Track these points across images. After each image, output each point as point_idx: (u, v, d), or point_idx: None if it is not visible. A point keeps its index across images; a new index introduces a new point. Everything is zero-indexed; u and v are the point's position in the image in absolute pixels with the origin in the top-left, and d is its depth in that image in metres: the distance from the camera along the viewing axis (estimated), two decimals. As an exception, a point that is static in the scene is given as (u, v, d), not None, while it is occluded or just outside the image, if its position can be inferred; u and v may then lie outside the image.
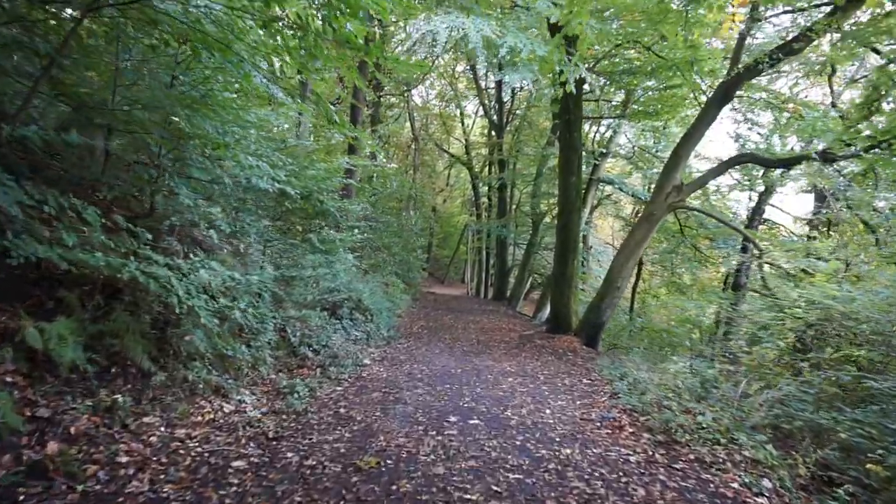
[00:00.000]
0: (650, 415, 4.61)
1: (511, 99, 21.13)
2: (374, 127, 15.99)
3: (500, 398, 5.28)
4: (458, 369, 6.75)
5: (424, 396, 5.26)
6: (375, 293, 9.52)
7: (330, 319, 7.55)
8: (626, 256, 9.54)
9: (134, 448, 3.21)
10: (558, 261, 10.81)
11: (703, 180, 9.70)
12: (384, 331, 8.53)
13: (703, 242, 15.84)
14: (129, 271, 3.43)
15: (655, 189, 9.51)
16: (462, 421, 4.46)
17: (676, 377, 5.87)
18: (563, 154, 10.84)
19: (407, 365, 6.89)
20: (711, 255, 15.94)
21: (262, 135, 5.62)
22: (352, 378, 5.92)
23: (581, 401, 5.32)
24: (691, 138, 9.34)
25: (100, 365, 3.67)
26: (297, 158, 5.31)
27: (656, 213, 9.35)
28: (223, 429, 3.88)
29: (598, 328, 9.66)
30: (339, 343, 6.91)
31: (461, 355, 7.81)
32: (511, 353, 8.14)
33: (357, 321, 7.91)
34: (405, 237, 14.80)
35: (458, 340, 9.23)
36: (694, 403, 4.92)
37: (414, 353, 7.69)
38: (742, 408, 4.96)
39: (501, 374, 6.50)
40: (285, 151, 5.37)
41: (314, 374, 5.79)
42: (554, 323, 10.78)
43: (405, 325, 10.52)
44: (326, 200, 5.50)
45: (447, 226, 31.40)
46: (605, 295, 9.63)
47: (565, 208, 10.75)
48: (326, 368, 5.94)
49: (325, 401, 4.93)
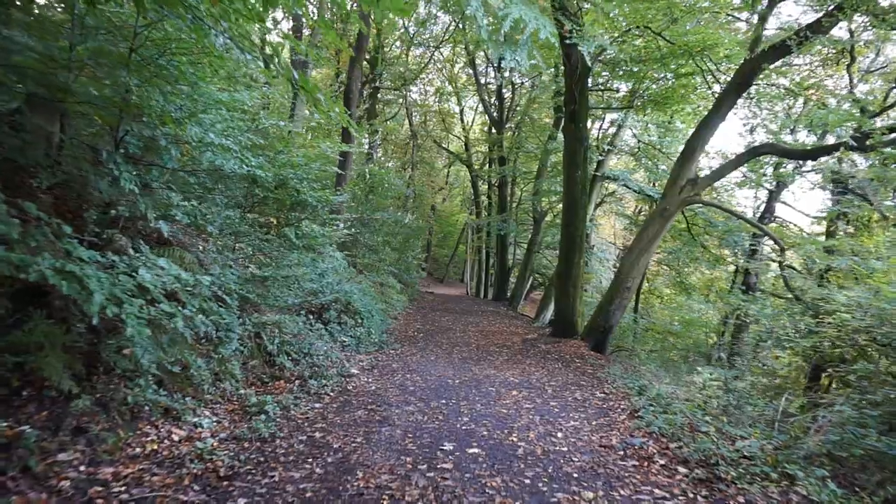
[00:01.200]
0: (682, 441, 3.84)
1: (511, 94, 20.37)
2: (371, 121, 15.22)
3: (503, 418, 4.51)
4: (455, 380, 5.99)
5: (416, 415, 4.49)
6: (367, 294, 8.76)
7: (315, 324, 6.79)
8: (636, 255, 8.78)
9: (31, 500, 2.45)
10: (562, 259, 10.06)
11: (719, 173, 8.93)
12: (376, 335, 7.76)
13: (710, 241, 15.05)
14: (36, 270, 2.67)
15: (668, 183, 8.75)
16: (459, 449, 3.70)
17: (705, 390, 5.12)
18: (568, 147, 10.08)
19: (399, 375, 6.13)
20: (721, 255, 15.20)
21: (235, 116, 4.85)
22: (335, 392, 5.16)
23: (597, 420, 4.55)
24: (707, 128, 8.58)
25: (9, 387, 2.92)
26: (269, 140, 4.54)
27: (669, 207, 8.59)
28: (165, 464, 3.12)
29: (607, 332, 8.90)
30: (323, 350, 6.14)
31: (459, 363, 7.05)
32: (514, 360, 7.38)
33: (345, 325, 7.15)
34: (403, 235, 14.01)
35: (456, 345, 8.46)
36: (731, 426, 4.16)
37: (407, 361, 6.93)
38: (786, 430, 4.20)
39: (504, 386, 5.74)
40: (258, 133, 4.61)
41: (292, 387, 5.03)
42: (558, 326, 10.03)
43: (400, 329, 9.76)
44: (305, 190, 4.74)
45: (446, 225, 30.62)
46: (613, 296, 8.88)
47: (570, 204, 10.00)
48: (306, 381, 5.17)
49: (299, 422, 4.17)
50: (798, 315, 5.94)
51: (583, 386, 5.91)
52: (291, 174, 4.62)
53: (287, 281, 5.36)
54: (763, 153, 8.62)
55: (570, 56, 9.56)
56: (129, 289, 2.97)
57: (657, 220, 8.76)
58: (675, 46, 9.18)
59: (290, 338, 5.68)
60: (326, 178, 5.63)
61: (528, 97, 18.99)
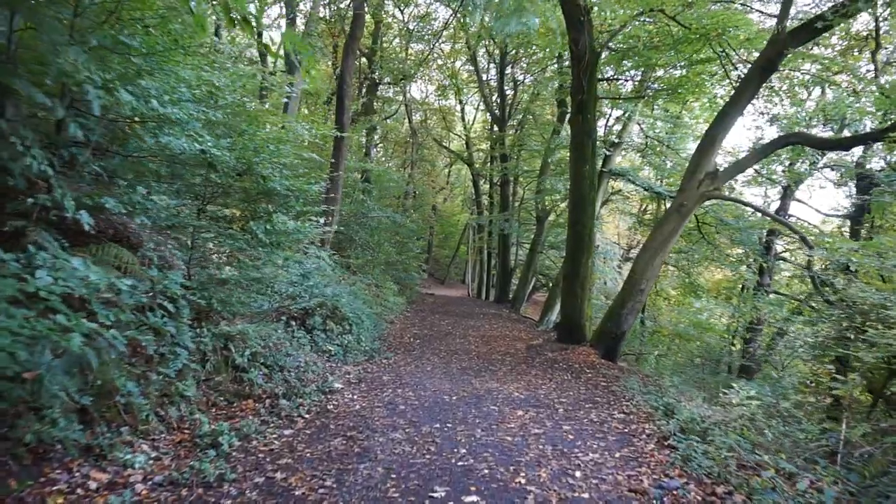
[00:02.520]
0: (731, 484, 3.04)
1: (514, 90, 19.56)
2: (368, 116, 14.43)
3: (508, 448, 3.72)
4: (453, 395, 5.20)
5: (403, 445, 3.70)
6: (359, 297, 7.98)
7: (297, 331, 6.02)
8: (651, 254, 7.96)
9: None
10: (569, 259, 9.25)
11: (741, 165, 8.10)
12: (366, 343, 6.97)
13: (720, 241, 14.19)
14: None
15: (686, 176, 7.93)
16: (453, 497, 2.90)
17: (748, 411, 4.31)
18: (575, 139, 9.27)
19: (389, 390, 5.34)
20: (731, 254, 14.36)
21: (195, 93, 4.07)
22: (311, 413, 4.37)
23: (620, 451, 3.75)
24: (728, 116, 7.75)
25: None
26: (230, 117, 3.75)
27: (687, 203, 7.77)
28: (64, 528, 2.34)
29: (619, 339, 8.09)
30: (303, 363, 5.37)
31: (458, 374, 6.25)
32: (518, 371, 6.58)
33: (332, 333, 6.37)
34: (401, 235, 13.21)
35: (455, 353, 7.67)
36: (785, 461, 3.35)
37: (400, 372, 6.14)
38: (855, 466, 3.38)
39: (508, 404, 4.94)
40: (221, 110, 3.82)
41: (261, 407, 4.25)
42: (565, 330, 9.22)
43: (395, 334, 8.97)
44: (275, 177, 3.94)
45: (448, 225, 29.80)
46: (626, 299, 8.06)
47: (577, 201, 9.19)
48: (278, 400, 4.39)
49: (259, 456, 3.38)
50: (842, 321, 5.12)
51: (598, 403, 5.10)
52: (258, 159, 3.82)
53: (258, 284, 4.58)
54: (791, 143, 7.78)
55: (577, 41, 8.77)
56: (7, 296, 2.19)
57: (673, 217, 7.94)
58: (690, 31, 8.38)
59: (263, 349, 4.90)
60: (307, 165, 4.80)
61: (531, 92, 18.19)
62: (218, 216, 4.11)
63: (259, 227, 3.97)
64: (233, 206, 3.99)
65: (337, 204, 9.82)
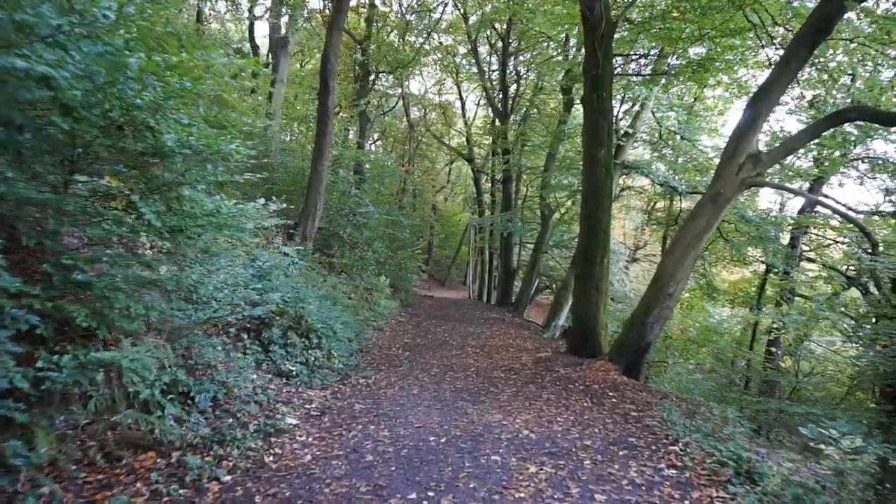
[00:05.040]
0: None
1: (517, 83, 18.15)
2: (359, 101, 13.06)
3: (518, 547, 2.33)
4: (442, 436, 3.82)
5: (355, 542, 2.32)
6: (337, 302, 6.61)
7: (249, 347, 4.66)
8: (682, 252, 6.56)
9: None
10: (582, 257, 7.85)
11: (790, 146, 6.68)
12: (340, 359, 5.59)
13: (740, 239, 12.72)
14: None
15: (723, 160, 6.53)
16: None
17: (852, 461, 2.93)
18: (589, 120, 7.88)
19: (358, 426, 3.96)
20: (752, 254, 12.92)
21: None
22: (237, 472, 3.00)
23: (691, 549, 2.36)
24: (771, 89, 6.34)
25: None
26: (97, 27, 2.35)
27: (725, 192, 6.36)
28: None
29: (642, 352, 6.68)
30: (249, 390, 4.00)
31: (451, 400, 4.87)
32: (526, 394, 5.19)
33: (293, 348, 4.99)
34: (395, 230, 11.82)
35: (449, 369, 6.28)
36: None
37: (378, 398, 4.77)
38: None
39: (516, 451, 3.56)
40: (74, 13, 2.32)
41: (161, 466, 2.88)
42: (577, 338, 7.82)
43: (383, 344, 7.59)
44: (169, 127, 2.52)
45: (448, 225, 28.37)
46: (651, 305, 6.65)
47: (591, 191, 7.80)
48: (186, 453, 3.02)
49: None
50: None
51: (636, 449, 3.70)
52: (139, 99, 2.40)
53: (159, 286, 3.21)
54: (851, 119, 6.37)
55: (591, 7, 7.40)
56: None
57: (707, 209, 6.53)
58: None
59: (186, 376, 3.53)
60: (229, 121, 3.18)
61: (536, 86, 16.79)
62: (97, 191, 2.75)
63: (148, 207, 2.58)
64: (108, 174, 2.63)
65: (320, 197, 8.48)
